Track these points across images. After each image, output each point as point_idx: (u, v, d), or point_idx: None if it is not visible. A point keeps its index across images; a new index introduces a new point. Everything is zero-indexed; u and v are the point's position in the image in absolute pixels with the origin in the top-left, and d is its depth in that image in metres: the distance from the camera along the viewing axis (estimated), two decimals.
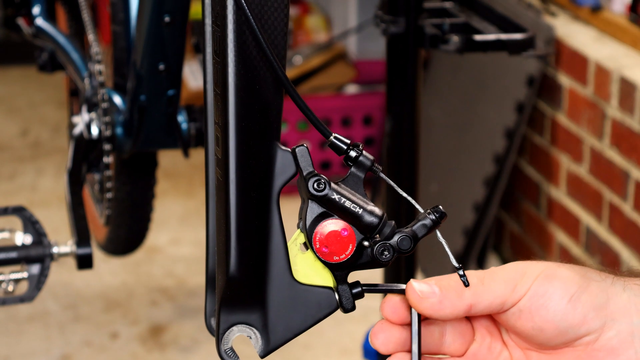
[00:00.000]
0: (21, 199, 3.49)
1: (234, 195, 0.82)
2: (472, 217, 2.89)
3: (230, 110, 0.82)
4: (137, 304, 2.94)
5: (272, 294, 0.84)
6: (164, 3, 1.54)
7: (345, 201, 0.82)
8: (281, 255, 0.84)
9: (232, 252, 0.83)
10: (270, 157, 0.83)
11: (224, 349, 0.84)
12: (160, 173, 1.97)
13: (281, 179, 0.84)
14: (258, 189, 0.83)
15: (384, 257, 0.83)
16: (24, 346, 2.75)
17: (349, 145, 0.84)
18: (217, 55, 0.83)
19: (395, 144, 1.79)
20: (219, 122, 0.84)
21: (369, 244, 0.83)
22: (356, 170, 0.84)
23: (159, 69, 1.60)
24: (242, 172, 0.82)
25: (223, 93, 0.82)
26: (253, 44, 0.82)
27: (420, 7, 1.73)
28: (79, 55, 1.90)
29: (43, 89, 4.47)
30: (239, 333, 0.85)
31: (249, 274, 0.83)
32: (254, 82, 0.82)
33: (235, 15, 0.81)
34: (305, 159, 0.83)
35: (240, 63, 0.82)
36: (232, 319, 0.84)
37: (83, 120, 1.73)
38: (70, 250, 1.63)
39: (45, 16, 1.99)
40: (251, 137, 0.83)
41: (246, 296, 0.84)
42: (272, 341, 0.84)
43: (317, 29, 4.04)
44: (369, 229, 0.83)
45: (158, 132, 1.67)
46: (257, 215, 0.83)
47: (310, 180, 0.82)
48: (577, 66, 2.62)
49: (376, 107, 3.60)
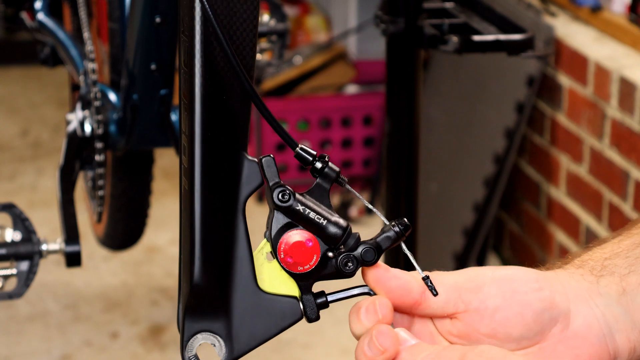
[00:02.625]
0: (21, 199, 3.50)
1: (198, 204, 0.83)
2: (472, 217, 2.89)
3: (196, 120, 0.83)
4: (137, 304, 2.94)
5: (236, 302, 0.84)
6: (156, 3, 1.55)
7: (309, 212, 0.83)
8: (246, 264, 0.84)
9: (197, 260, 0.83)
10: (236, 166, 0.84)
11: (188, 356, 0.85)
12: (160, 173, 1.97)
13: (247, 188, 0.84)
14: (223, 198, 0.84)
15: (348, 268, 0.83)
16: (24, 346, 2.75)
17: (315, 156, 0.84)
18: (185, 65, 0.84)
19: (395, 144, 1.79)
20: (185, 131, 0.84)
21: (334, 254, 0.83)
22: (322, 181, 0.84)
23: (151, 68, 1.60)
24: (207, 181, 0.83)
25: (189, 103, 0.83)
26: (220, 55, 0.82)
27: (420, 8, 1.73)
28: (78, 51, 1.90)
29: (43, 89, 4.47)
30: (203, 340, 0.85)
31: (213, 282, 0.84)
32: (220, 92, 0.83)
33: (202, 26, 0.81)
34: (272, 169, 0.83)
35: (207, 73, 0.82)
36: (196, 326, 0.85)
37: (77, 117, 1.73)
38: (59, 248, 1.63)
39: (47, 11, 2.00)
40: (217, 147, 0.83)
41: (210, 304, 0.84)
42: (235, 349, 0.85)
43: (317, 29, 4.04)
44: (333, 240, 0.83)
45: (151, 131, 1.67)
46: (222, 224, 0.84)
47: (275, 190, 0.82)
48: (577, 66, 2.62)
49: (376, 107, 3.60)
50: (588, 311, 0.80)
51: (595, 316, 0.80)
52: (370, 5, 3.66)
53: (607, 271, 0.82)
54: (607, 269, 0.82)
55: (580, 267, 0.83)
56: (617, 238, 0.85)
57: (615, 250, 0.83)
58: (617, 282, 0.81)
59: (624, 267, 0.82)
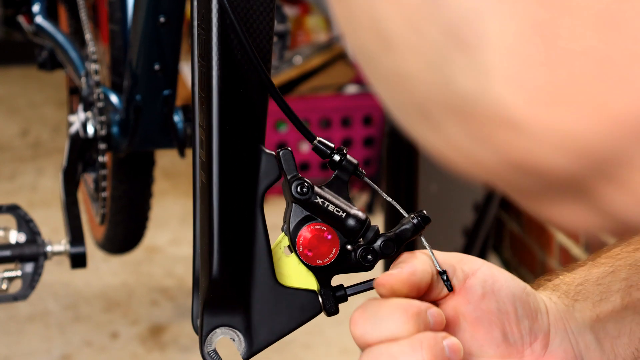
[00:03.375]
0: (21, 199, 3.49)
1: (217, 198, 0.83)
2: (472, 217, 2.89)
3: (214, 113, 0.83)
4: (137, 304, 2.94)
5: (255, 296, 0.84)
6: (159, 3, 1.54)
7: (328, 205, 0.82)
8: (265, 258, 0.84)
9: (215, 254, 0.83)
10: (254, 160, 0.84)
11: (207, 351, 0.85)
12: (160, 173, 1.97)
13: (265, 182, 0.84)
14: (242, 191, 0.84)
15: (368, 260, 0.83)
16: (24, 346, 2.75)
17: (333, 149, 0.84)
18: (202, 58, 0.83)
19: (395, 144, 1.79)
20: (203, 124, 0.84)
21: (352, 247, 0.83)
22: (340, 174, 0.84)
23: (155, 69, 1.60)
24: (225, 174, 0.83)
25: (207, 96, 0.83)
26: (238, 48, 0.82)
27: None
28: (77, 54, 1.90)
29: (43, 89, 4.47)
30: (222, 335, 0.85)
31: (232, 276, 0.84)
32: (238, 85, 0.83)
33: (219, 18, 0.81)
34: (289, 163, 0.83)
35: (225, 66, 0.82)
36: (215, 321, 0.85)
37: (79, 119, 1.73)
38: (64, 249, 1.63)
39: (45, 14, 1.99)
40: (235, 140, 0.83)
41: (229, 299, 0.84)
42: (255, 344, 0.85)
43: (317, 29, 4.04)
44: (352, 233, 0.83)
45: (154, 132, 1.67)
46: (241, 217, 0.84)
47: (293, 183, 0.82)
48: None
49: (376, 107, 3.60)
50: (564, 335, 0.80)
51: (569, 341, 0.80)
52: None
53: (581, 296, 0.81)
54: (580, 294, 0.81)
55: (555, 290, 0.82)
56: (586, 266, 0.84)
57: (586, 277, 0.82)
58: (591, 308, 0.81)
59: (596, 294, 0.81)
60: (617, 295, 0.81)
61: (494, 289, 0.79)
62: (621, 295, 0.81)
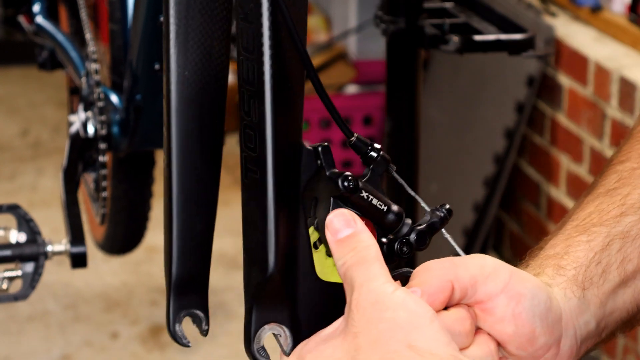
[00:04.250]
0: (21, 199, 3.49)
1: (272, 194, 0.83)
2: (472, 217, 2.89)
3: (267, 107, 0.82)
4: (137, 304, 2.94)
5: (300, 291, 0.84)
6: (160, 3, 1.54)
7: (372, 199, 0.83)
8: (307, 253, 0.84)
9: (271, 250, 0.83)
10: (299, 155, 0.84)
11: (256, 347, 0.85)
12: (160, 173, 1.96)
13: (304, 177, 0.84)
14: (289, 187, 0.84)
15: (404, 252, 0.84)
16: (24, 346, 2.75)
17: (370, 145, 0.85)
18: (247, 52, 0.83)
19: (395, 144, 1.79)
20: (254, 119, 0.84)
21: (387, 240, 0.84)
22: (375, 169, 0.85)
23: (155, 68, 1.60)
24: (278, 170, 0.83)
25: (258, 91, 0.82)
26: (286, 40, 0.82)
27: (420, 7, 1.73)
28: (78, 53, 1.90)
29: (43, 89, 4.47)
30: (270, 331, 0.85)
31: (284, 271, 0.84)
32: (286, 79, 0.83)
33: (271, 11, 0.81)
34: (328, 158, 0.84)
35: (276, 60, 0.82)
36: (265, 317, 0.84)
37: (79, 118, 1.73)
38: (64, 249, 1.63)
39: (46, 14, 1.99)
40: (284, 134, 0.83)
41: (278, 294, 0.84)
42: (301, 339, 0.84)
43: (317, 29, 4.04)
44: (391, 226, 0.84)
45: (154, 132, 1.67)
46: (290, 213, 0.84)
47: (339, 178, 0.82)
48: (577, 66, 2.62)
49: (376, 107, 3.60)
50: (572, 335, 0.81)
51: (575, 338, 0.81)
52: (370, 5, 3.65)
53: (588, 282, 0.82)
54: (587, 280, 0.82)
55: (563, 274, 0.83)
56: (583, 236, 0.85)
57: (588, 255, 0.83)
58: (596, 294, 0.82)
59: (599, 275, 0.83)
60: (615, 273, 0.83)
61: (515, 312, 0.79)
62: (618, 272, 0.83)
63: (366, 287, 0.77)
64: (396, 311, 0.75)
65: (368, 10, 3.74)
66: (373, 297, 0.76)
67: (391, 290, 0.76)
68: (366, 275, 0.77)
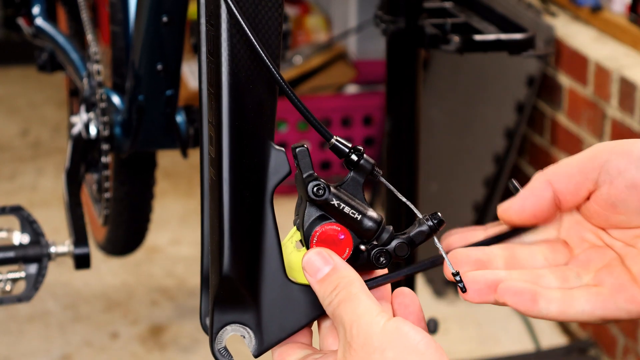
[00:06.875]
0: (21, 199, 3.49)
1: (227, 194, 0.82)
2: (472, 217, 2.89)
3: (223, 109, 0.82)
4: (137, 304, 2.94)
5: (265, 293, 0.83)
6: (162, 3, 1.54)
7: (344, 207, 0.82)
8: (275, 254, 0.83)
9: (226, 251, 0.82)
10: (264, 156, 0.83)
11: (217, 348, 0.84)
12: (160, 173, 1.96)
13: (275, 178, 0.83)
14: (251, 188, 0.83)
15: (381, 262, 0.83)
16: (24, 346, 2.75)
17: (351, 148, 0.83)
18: (211, 54, 0.83)
19: (395, 144, 1.79)
20: (212, 121, 0.83)
21: (366, 248, 0.83)
22: (356, 174, 0.83)
23: (157, 69, 1.59)
24: (235, 171, 0.82)
25: (217, 92, 0.82)
26: (247, 43, 0.81)
27: (420, 7, 1.73)
28: (78, 55, 1.89)
29: (43, 89, 4.47)
30: (232, 332, 0.84)
31: (242, 273, 0.83)
32: (247, 81, 0.82)
33: (228, 14, 0.81)
34: (305, 160, 0.82)
35: (234, 62, 0.81)
36: (226, 318, 0.84)
37: (81, 120, 1.73)
38: (67, 250, 1.62)
39: (45, 16, 1.99)
40: (245, 136, 0.82)
41: (240, 295, 0.83)
42: (265, 341, 0.84)
43: (317, 29, 4.04)
44: (367, 234, 0.82)
45: (156, 132, 1.66)
46: (251, 214, 0.83)
47: (309, 184, 0.81)
48: (577, 66, 2.62)
49: (376, 107, 3.60)
50: None
51: None
52: (370, 5, 3.66)
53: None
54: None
55: None
56: None
57: None
58: None
59: None
60: None
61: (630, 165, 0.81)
62: None
63: (356, 328, 0.76)
64: (384, 352, 0.75)
65: (368, 10, 3.74)
66: (362, 340, 0.76)
67: (381, 324, 0.76)
68: (354, 313, 0.77)
